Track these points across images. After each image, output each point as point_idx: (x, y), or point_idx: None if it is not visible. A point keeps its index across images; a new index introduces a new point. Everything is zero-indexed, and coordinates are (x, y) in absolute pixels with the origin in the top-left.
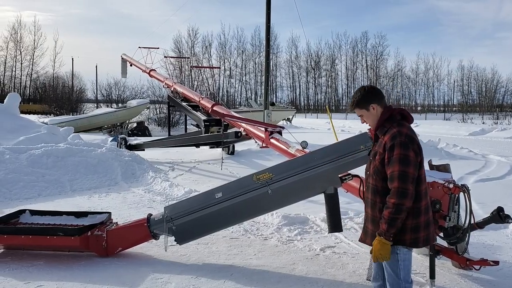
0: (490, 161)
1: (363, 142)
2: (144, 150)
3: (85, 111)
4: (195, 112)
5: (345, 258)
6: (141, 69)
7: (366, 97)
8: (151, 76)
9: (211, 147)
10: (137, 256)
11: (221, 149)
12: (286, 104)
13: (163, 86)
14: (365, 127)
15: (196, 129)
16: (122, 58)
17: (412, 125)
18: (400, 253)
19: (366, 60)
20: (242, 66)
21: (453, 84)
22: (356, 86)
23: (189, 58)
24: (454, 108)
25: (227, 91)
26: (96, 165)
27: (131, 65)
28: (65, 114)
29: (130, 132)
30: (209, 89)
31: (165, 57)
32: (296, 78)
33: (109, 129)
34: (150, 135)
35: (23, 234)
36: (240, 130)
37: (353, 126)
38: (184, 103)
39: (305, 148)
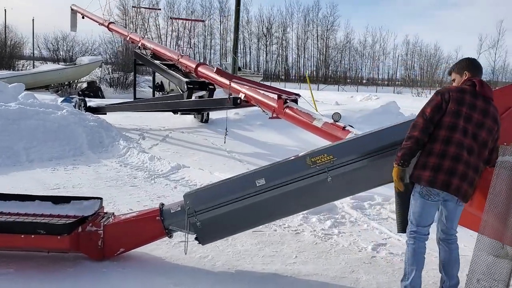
0: None
1: None
2: (106, 114)
3: (24, 68)
4: (173, 73)
5: None
6: (97, 21)
7: (465, 65)
8: (110, 29)
9: (181, 114)
10: (143, 259)
11: (193, 116)
12: (250, 70)
13: (127, 40)
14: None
15: (155, 92)
16: (71, 9)
17: (373, 97)
18: (414, 196)
19: (317, 30)
20: (190, 28)
21: (397, 59)
22: (307, 55)
23: (160, 9)
24: (397, 82)
25: None
26: (57, 131)
27: (83, 17)
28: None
29: (80, 92)
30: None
31: (133, 7)
32: (246, 43)
33: (55, 88)
34: (103, 97)
35: None
36: (239, 96)
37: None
38: (156, 62)
39: (337, 121)
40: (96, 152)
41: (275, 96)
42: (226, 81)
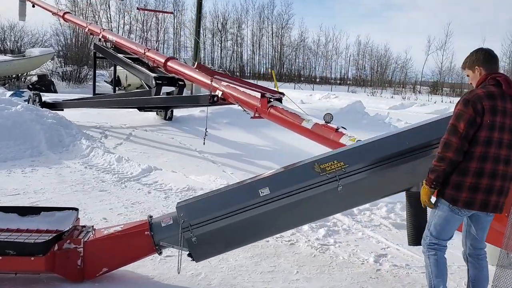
0: None
1: None
2: (63, 110)
3: None
4: (139, 67)
5: (415, 275)
6: (50, 11)
7: (476, 58)
8: (66, 20)
9: (144, 110)
10: (128, 280)
11: (155, 113)
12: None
13: (86, 32)
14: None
15: (110, 86)
16: None
17: (331, 96)
18: (439, 207)
19: (272, 28)
20: (143, 21)
21: (349, 58)
22: (261, 53)
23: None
24: (348, 82)
25: None
26: (11, 128)
27: (33, 6)
28: None
29: (31, 86)
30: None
31: None
32: (201, 38)
33: (2, 81)
34: (55, 91)
35: None
36: (217, 93)
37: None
38: (120, 55)
39: (329, 122)
40: (56, 152)
41: (258, 95)
42: (205, 77)
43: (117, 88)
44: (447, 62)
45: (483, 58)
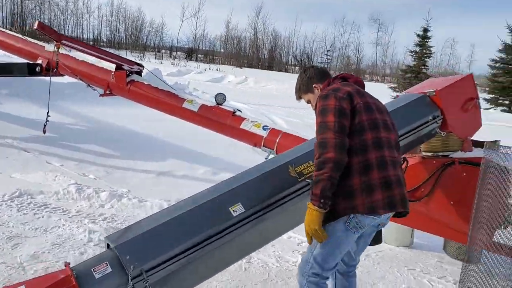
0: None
1: (431, 112)
2: None
3: None
4: None
5: None
6: None
7: (309, 78)
8: None
9: None
10: None
11: None
12: None
13: None
14: None
15: None
16: None
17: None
18: (328, 228)
19: None
20: None
21: (101, 19)
22: None
23: None
24: (102, 43)
25: None
26: None
27: None
28: None
29: None
30: None
31: None
32: None
33: None
34: None
35: None
36: (39, 62)
37: None
38: None
39: (221, 104)
40: None
41: (107, 65)
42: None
43: None
44: (200, 29)
45: (317, 73)
